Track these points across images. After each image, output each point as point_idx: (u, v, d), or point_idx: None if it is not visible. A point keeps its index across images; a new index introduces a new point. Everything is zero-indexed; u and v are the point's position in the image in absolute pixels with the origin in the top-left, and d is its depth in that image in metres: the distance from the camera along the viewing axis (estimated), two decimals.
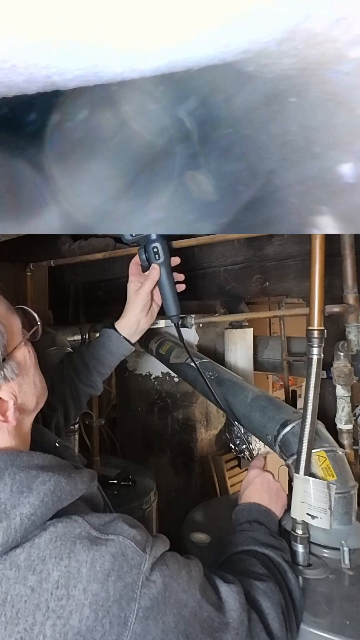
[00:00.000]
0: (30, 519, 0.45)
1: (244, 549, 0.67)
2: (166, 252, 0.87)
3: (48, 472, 0.49)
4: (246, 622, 0.51)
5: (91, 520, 0.49)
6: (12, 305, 0.59)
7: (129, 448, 1.88)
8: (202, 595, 0.50)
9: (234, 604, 0.52)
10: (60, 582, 0.43)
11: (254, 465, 0.86)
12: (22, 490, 0.47)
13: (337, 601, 0.66)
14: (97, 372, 0.93)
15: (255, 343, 1.40)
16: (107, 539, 0.47)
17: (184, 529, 0.89)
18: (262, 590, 0.57)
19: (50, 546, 0.45)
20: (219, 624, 0.49)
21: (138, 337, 0.94)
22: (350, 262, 0.95)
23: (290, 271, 1.15)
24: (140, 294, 0.89)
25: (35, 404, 0.60)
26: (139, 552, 0.47)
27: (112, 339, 0.92)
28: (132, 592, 0.45)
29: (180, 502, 1.67)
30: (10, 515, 0.45)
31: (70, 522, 0.48)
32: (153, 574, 0.47)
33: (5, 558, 0.44)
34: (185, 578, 0.50)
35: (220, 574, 0.57)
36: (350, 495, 0.78)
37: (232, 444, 1.23)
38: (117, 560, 0.46)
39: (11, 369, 0.54)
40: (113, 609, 0.44)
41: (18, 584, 0.43)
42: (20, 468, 0.49)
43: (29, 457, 0.51)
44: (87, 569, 0.44)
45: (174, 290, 0.89)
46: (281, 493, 0.81)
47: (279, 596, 0.58)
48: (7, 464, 0.49)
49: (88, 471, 0.57)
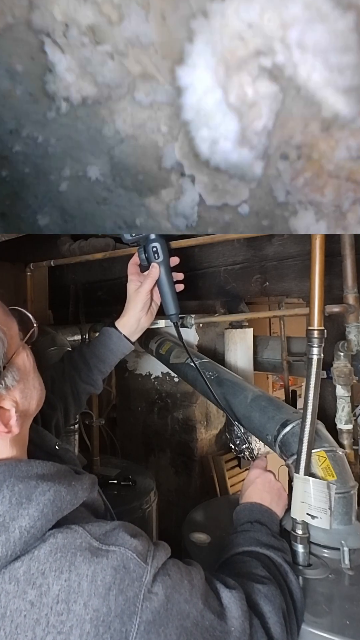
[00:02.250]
0: (30, 531, 0.44)
1: (245, 550, 0.67)
2: (165, 251, 0.88)
3: (47, 481, 0.49)
4: (248, 629, 0.51)
5: (92, 530, 0.48)
6: (7, 306, 0.58)
7: (129, 448, 1.88)
8: (204, 604, 0.49)
9: (235, 611, 0.51)
10: (60, 597, 0.42)
11: (255, 465, 0.86)
12: (21, 501, 0.46)
13: (337, 601, 0.66)
14: (98, 370, 0.94)
15: (255, 343, 1.40)
16: (109, 550, 0.47)
17: (184, 529, 0.89)
18: (263, 593, 0.57)
19: (50, 559, 0.44)
20: (220, 633, 0.49)
21: (138, 336, 0.95)
22: (350, 262, 0.95)
23: (290, 271, 1.15)
24: (141, 293, 0.89)
25: (36, 407, 0.59)
26: (141, 563, 0.47)
27: (113, 337, 0.92)
28: (134, 606, 0.44)
29: (180, 502, 1.67)
30: (9, 529, 0.44)
31: (71, 533, 0.47)
32: (155, 585, 0.46)
33: (5, 572, 0.43)
34: (187, 587, 0.49)
35: (222, 579, 0.56)
36: (350, 495, 0.78)
37: (232, 444, 1.23)
38: (118, 573, 0.45)
39: (12, 376, 0.53)
40: (114, 624, 0.43)
41: (17, 598, 0.42)
42: (19, 479, 0.48)
43: (28, 467, 0.50)
44: (87, 582, 0.43)
45: (173, 289, 0.90)
46: (282, 493, 0.81)
47: (280, 599, 0.58)
48: (6, 475, 0.48)
49: (89, 477, 0.56)
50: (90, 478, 0.56)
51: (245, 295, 1.29)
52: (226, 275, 1.29)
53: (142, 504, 1.31)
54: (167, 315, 0.91)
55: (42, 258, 1.47)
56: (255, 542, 0.68)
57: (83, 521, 0.50)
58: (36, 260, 1.48)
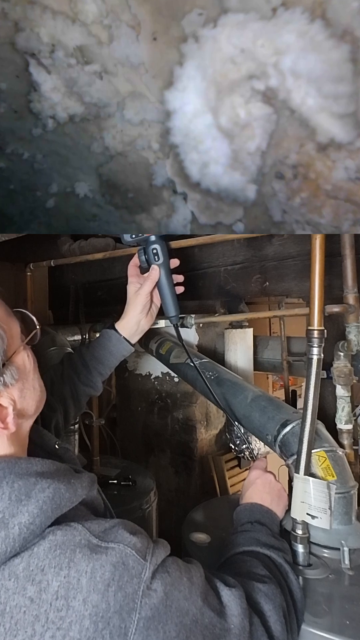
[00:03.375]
0: (29, 528, 0.45)
1: (246, 550, 0.67)
2: (165, 253, 0.88)
3: (47, 478, 0.49)
4: (247, 627, 0.51)
5: (91, 527, 0.48)
6: (10, 308, 0.59)
7: (129, 448, 1.88)
8: (203, 601, 0.49)
9: (235, 609, 0.51)
10: (59, 593, 0.43)
11: (256, 466, 0.86)
12: (20, 498, 0.46)
13: (337, 601, 0.66)
14: (97, 372, 0.93)
15: (255, 343, 1.40)
16: (108, 547, 0.47)
17: (184, 529, 0.89)
18: (263, 592, 0.57)
19: (50, 555, 0.44)
20: (220, 630, 0.49)
21: (138, 338, 0.94)
22: (350, 262, 0.95)
23: (290, 271, 1.15)
24: (140, 295, 0.89)
25: (35, 409, 0.59)
26: (140, 560, 0.47)
27: (113, 339, 0.92)
28: (133, 603, 0.44)
29: (180, 502, 1.67)
30: (8, 525, 0.44)
31: (70, 530, 0.47)
32: (154, 582, 0.47)
33: (4, 568, 0.44)
34: (187, 585, 0.49)
35: (222, 577, 0.56)
36: (350, 495, 0.78)
37: (232, 444, 1.23)
38: (117, 569, 0.45)
39: (11, 374, 0.53)
40: (113, 620, 0.43)
41: (17, 594, 0.42)
42: (18, 475, 0.48)
43: (28, 464, 0.51)
44: (87, 579, 0.44)
45: (173, 291, 0.90)
46: (282, 494, 0.81)
47: (280, 598, 0.58)
48: (6, 472, 0.48)
49: (88, 475, 0.57)
50: (90, 477, 0.56)
51: (245, 295, 1.29)
52: (226, 275, 1.29)
53: (142, 504, 1.31)
54: (167, 317, 0.90)
55: (42, 258, 1.47)
56: (255, 542, 0.68)
57: (82, 519, 0.50)
58: (36, 260, 1.49)
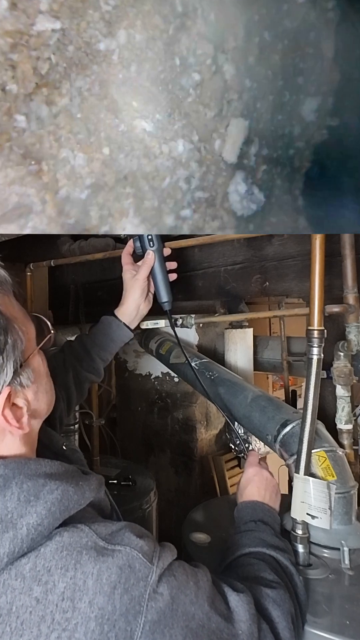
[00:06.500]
0: (37, 529, 0.45)
1: (252, 551, 0.66)
2: (159, 239, 0.91)
3: (55, 480, 0.49)
4: (256, 633, 0.51)
5: (98, 530, 0.48)
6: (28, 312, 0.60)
7: (129, 448, 1.88)
8: (210, 606, 0.49)
9: (243, 615, 0.51)
10: (65, 594, 0.43)
11: (250, 463, 0.86)
12: (29, 499, 0.46)
13: (337, 601, 0.66)
14: (100, 358, 0.95)
15: (255, 343, 1.40)
16: (114, 550, 0.47)
17: (184, 529, 0.89)
18: (272, 598, 0.56)
19: (57, 556, 0.44)
20: (228, 636, 0.49)
21: (137, 323, 0.96)
22: (350, 262, 0.95)
23: (290, 271, 1.15)
24: (138, 280, 0.91)
25: (46, 410, 0.60)
26: (146, 563, 0.47)
27: (113, 325, 0.93)
28: (139, 606, 0.44)
29: (180, 502, 1.67)
30: (17, 525, 0.44)
31: (77, 532, 0.47)
32: (160, 585, 0.46)
33: (11, 568, 0.44)
34: (193, 589, 0.49)
35: (229, 582, 0.56)
36: (350, 495, 0.78)
37: (232, 444, 1.23)
38: (123, 572, 0.45)
39: (27, 375, 0.54)
40: (119, 623, 0.43)
41: (23, 594, 0.42)
42: (28, 476, 0.48)
43: (37, 465, 0.51)
44: (93, 581, 0.44)
45: (166, 277, 0.92)
46: (278, 490, 0.81)
47: (289, 604, 0.57)
48: (15, 472, 0.48)
49: (96, 477, 0.56)
50: (97, 478, 0.56)
51: (245, 295, 1.29)
52: (226, 275, 1.29)
53: (142, 504, 1.31)
54: (160, 302, 0.93)
55: (42, 258, 1.47)
56: (261, 543, 0.67)
57: (90, 521, 0.50)
58: (36, 260, 1.48)
